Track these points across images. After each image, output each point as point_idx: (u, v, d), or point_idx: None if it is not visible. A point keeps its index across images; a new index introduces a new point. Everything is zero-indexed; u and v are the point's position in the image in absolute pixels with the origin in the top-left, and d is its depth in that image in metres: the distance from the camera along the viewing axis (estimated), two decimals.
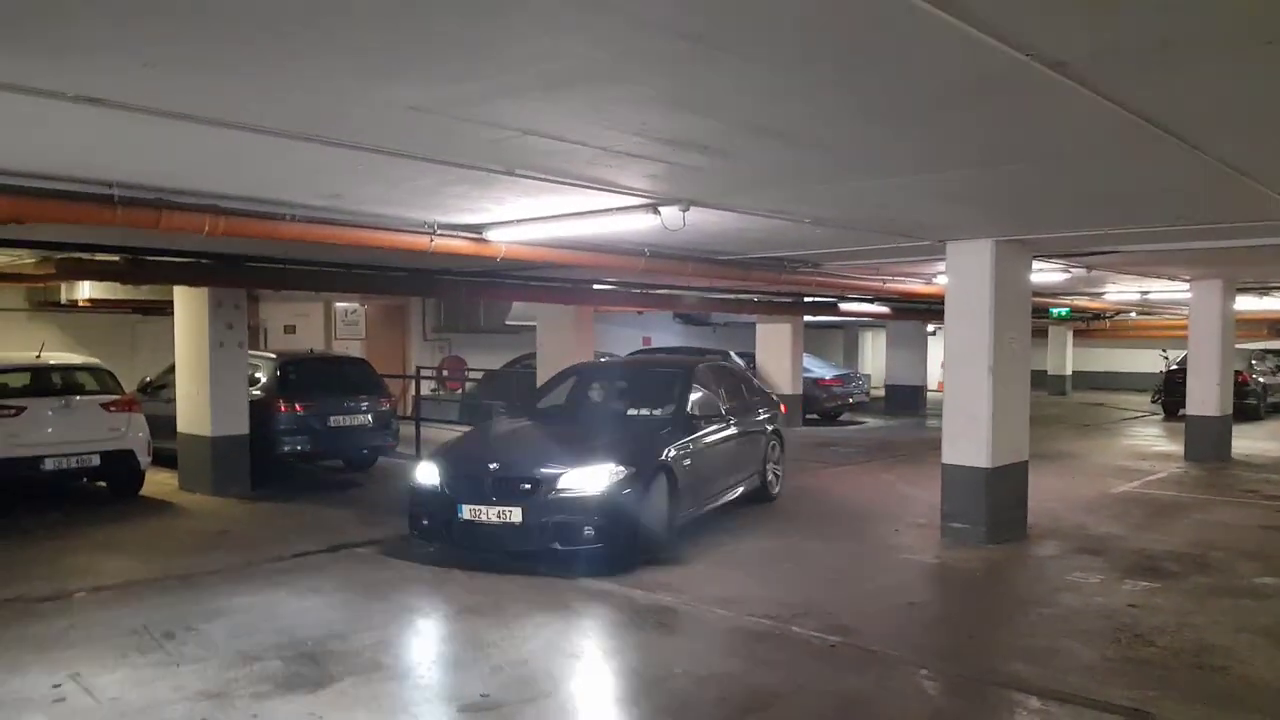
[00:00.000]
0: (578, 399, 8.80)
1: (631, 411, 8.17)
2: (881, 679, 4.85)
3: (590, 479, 6.64)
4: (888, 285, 12.68)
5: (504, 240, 7.37)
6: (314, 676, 4.76)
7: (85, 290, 12.90)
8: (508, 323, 17.84)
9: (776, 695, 4.56)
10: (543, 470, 6.73)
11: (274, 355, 11.56)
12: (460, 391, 17.71)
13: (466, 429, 13.07)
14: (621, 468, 6.73)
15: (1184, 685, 4.72)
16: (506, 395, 14.21)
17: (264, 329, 18.21)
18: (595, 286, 12.01)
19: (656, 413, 8.00)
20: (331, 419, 10.96)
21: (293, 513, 9.27)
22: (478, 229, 7.23)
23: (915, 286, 12.84)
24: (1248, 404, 18.61)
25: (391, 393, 12.35)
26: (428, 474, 7.11)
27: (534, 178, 5.21)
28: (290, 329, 18.95)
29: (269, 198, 6.01)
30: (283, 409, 10.59)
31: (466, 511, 6.68)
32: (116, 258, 8.56)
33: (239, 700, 4.46)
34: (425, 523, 7.05)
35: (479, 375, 17.01)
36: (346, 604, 6.09)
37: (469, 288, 11.16)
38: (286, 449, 10.62)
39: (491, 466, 6.86)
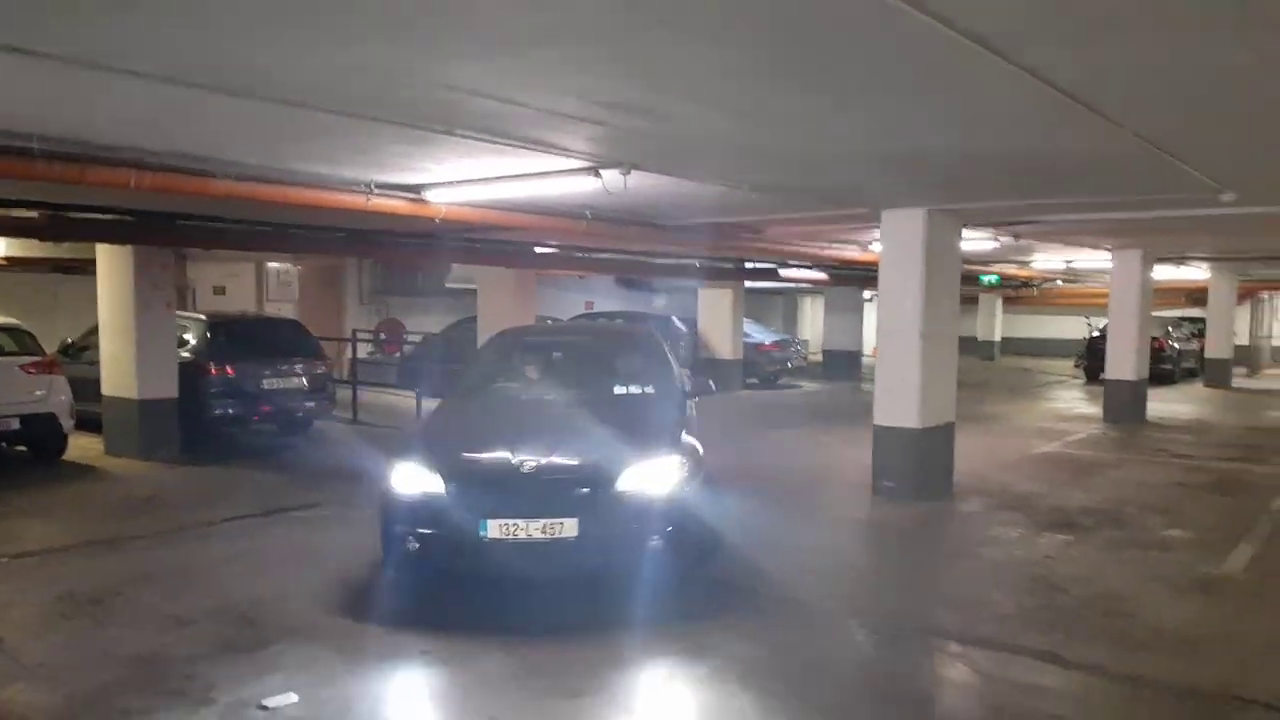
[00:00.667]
0: (544, 371, 7.20)
1: (619, 389, 6.75)
2: (812, 628, 5.03)
3: (657, 476, 5.25)
4: (826, 252, 12.87)
5: (444, 201, 7.31)
6: (251, 639, 4.75)
7: (1, 248, 12.41)
8: (447, 285, 17.66)
9: (713, 645, 4.71)
10: (603, 468, 5.21)
11: (203, 316, 11.29)
12: (399, 355, 17.52)
13: (416, 400, 13.03)
14: (684, 460, 5.48)
15: (1093, 631, 4.99)
16: (447, 359, 14.11)
17: (192, 290, 17.71)
18: (537, 249, 11.96)
19: (649, 390, 6.65)
20: (264, 382, 10.76)
21: (225, 477, 9.14)
22: (417, 189, 7.15)
23: (852, 253, 13.06)
24: (1163, 369, 19.40)
25: (327, 355, 12.17)
26: (416, 478, 5.22)
27: (475, 138, 5.19)
28: (220, 290, 18.48)
29: (200, 153, 5.86)
30: (213, 371, 10.37)
31: (494, 528, 4.97)
32: (34, 214, 8.24)
33: (173, 663, 4.43)
34: (416, 546, 5.13)
35: (418, 338, 16.84)
36: (282, 567, 6.07)
37: (408, 249, 11.03)
38: (217, 412, 10.42)
39: (526, 465, 5.17)
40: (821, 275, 17.00)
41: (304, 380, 11.16)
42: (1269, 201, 7.56)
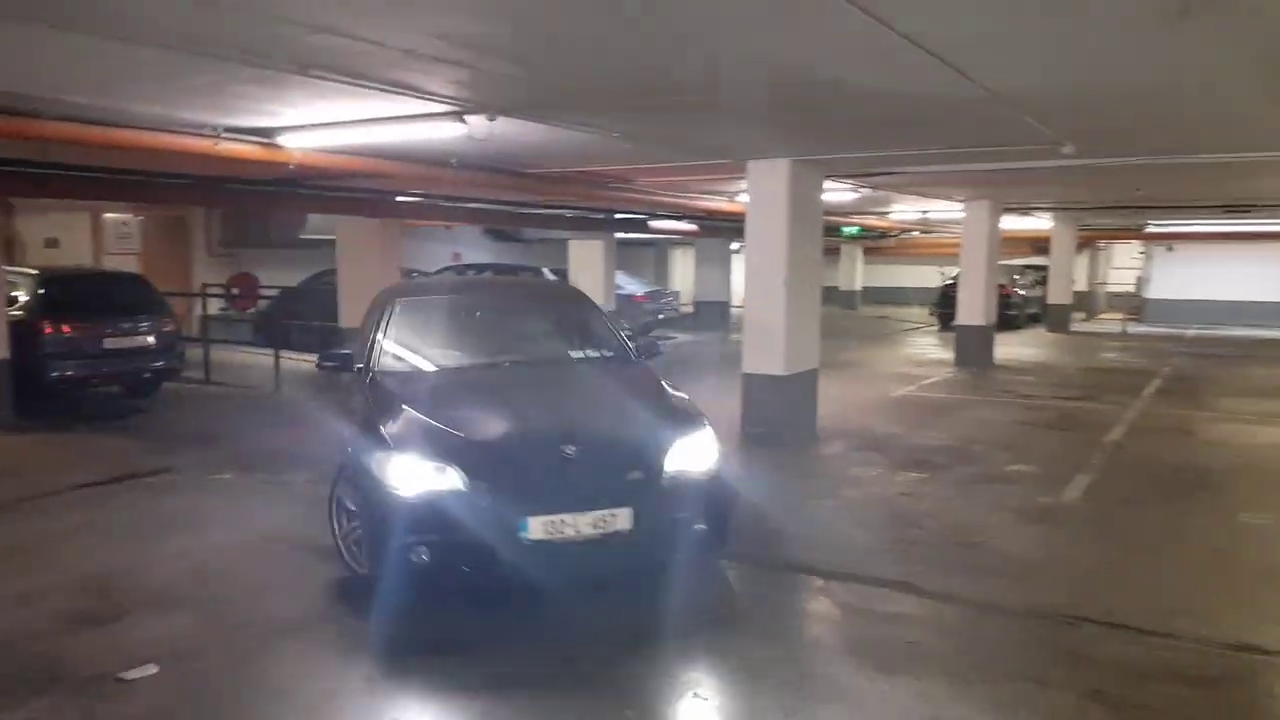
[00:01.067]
0: (478, 335, 6.12)
1: (575, 353, 6.11)
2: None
3: (699, 452, 4.74)
4: (695, 203, 12.99)
5: (299, 146, 6.97)
6: (104, 612, 4.50)
7: None
8: (304, 236, 16.91)
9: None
10: (651, 448, 4.61)
11: (35, 271, 10.44)
12: (253, 310, 16.74)
13: (274, 358, 12.48)
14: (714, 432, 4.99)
15: (945, 560, 5.32)
16: (306, 314, 13.57)
17: (19, 243, 16.35)
18: (400, 199, 11.56)
19: (607, 353, 6.00)
20: (106, 341, 10.09)
21: (67, 443, 8.56)
22: (269, 133, 6.78)
23: (720, 204, 13.22)
24: (1009, 314, 20.60)
25: (175, 312, 11.50)
26: (422, 473, 4.29)
27: (331, 79, 4.93)
28: (52, 243, 17.12)
29: (23, 92, 5.36)
30: (48, 330, 9.63)
31: (537, 527, 4.23)
32: None
33: (19, 640, 4.18)
34: (426, 558, 4.24)
35: (274, 293, 16.10)
36: (136, 536, 5.75)
37: (259, 198, 10.46)
38: (55, 375, 9.70)
39: (567, 450, 4.44)
40: (691, 226, 17.16)
41: (150, 339, 10.51)
42: (1103, 154, 8.05)
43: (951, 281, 19.99)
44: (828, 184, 9.33)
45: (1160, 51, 4.39)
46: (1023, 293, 22.89)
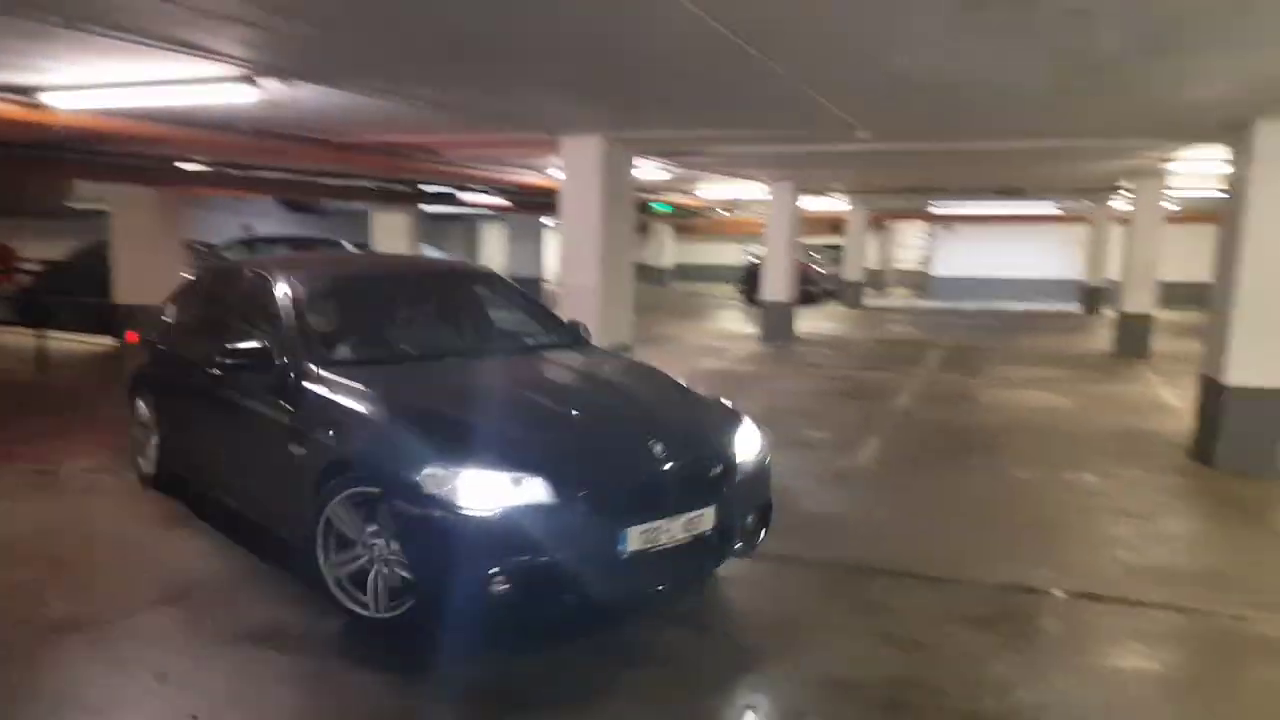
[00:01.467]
0: (409, 318, 5.57)
1: (530, 340, 5.63)
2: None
3: (752, 442, 4.54)
4: (507, 177, 12.81)
5: (65, 107, 6.30)
6: None
7: None
8: (71, 205, 15.35)
9: None
10: (726, 440, 4.39)
11: None
12: (10, 285, 15.06)
13: (37, 338, 11.26)
14: None
15: None
16: (78, 290, 12.37)
17: None
18: (184, 166, 10.69)
19: (564, 339, 5.58)
20: None
21: None
22: (29, 91, 6.08)
23: (532, 179, 13.11)
24: (809, 291, 21.73)
25: None
26: (500, 487, 3.65)
27: (104, 34, 4.46)
28: None
29: None
30: None
31: (635, 538, 3.80)
32: None
33: None
34: (506, 586, 3.59)
35: (36, 268, 14.55)
36: None
37: (18, 162, 9.38)
38: None
39: (656, 448, 4.06)
40: (503, 201, 16.93)
41: None
42: (893, 139, 8.57)
43: (756, 260, 20.83)
44: (640, 161, 9.46)
45: (954, 41, 4.62)
46: (821, 270, 24.18)
